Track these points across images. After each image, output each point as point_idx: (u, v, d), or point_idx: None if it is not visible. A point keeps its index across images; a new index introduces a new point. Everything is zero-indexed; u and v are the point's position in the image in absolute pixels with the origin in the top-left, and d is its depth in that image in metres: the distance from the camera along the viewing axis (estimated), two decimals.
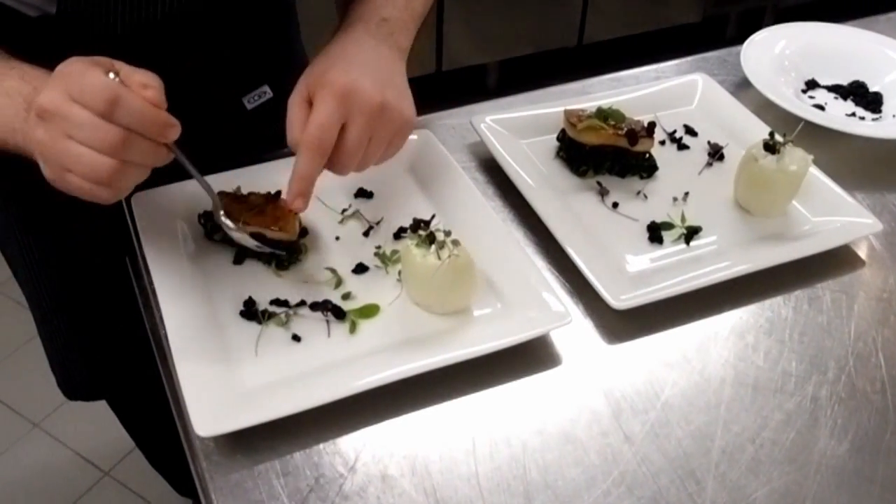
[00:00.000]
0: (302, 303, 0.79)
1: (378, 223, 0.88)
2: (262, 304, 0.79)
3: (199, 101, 0.92)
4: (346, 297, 0.80)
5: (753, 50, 1.14)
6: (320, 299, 0.79)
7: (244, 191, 0.86)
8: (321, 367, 0.74)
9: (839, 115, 1.09)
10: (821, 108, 1.10)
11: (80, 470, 1.75)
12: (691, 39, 2.84)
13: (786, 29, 1.20)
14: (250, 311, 0.78)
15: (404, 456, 0.70)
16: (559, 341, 0.80)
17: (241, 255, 0.83)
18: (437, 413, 0.73)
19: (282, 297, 0.80)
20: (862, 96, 1.12)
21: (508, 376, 0.76)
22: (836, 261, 0.89)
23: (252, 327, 0.77)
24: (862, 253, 0.90)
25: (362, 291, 0.81)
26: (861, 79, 1.15)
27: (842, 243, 0.89)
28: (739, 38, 1.20)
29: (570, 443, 0.72)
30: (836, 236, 0.88)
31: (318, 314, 0.79)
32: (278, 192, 0.85)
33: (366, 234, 0.87)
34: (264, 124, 0.97)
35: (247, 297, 0.79)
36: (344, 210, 0.89)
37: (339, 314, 0.78)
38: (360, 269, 0.83)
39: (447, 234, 0.78)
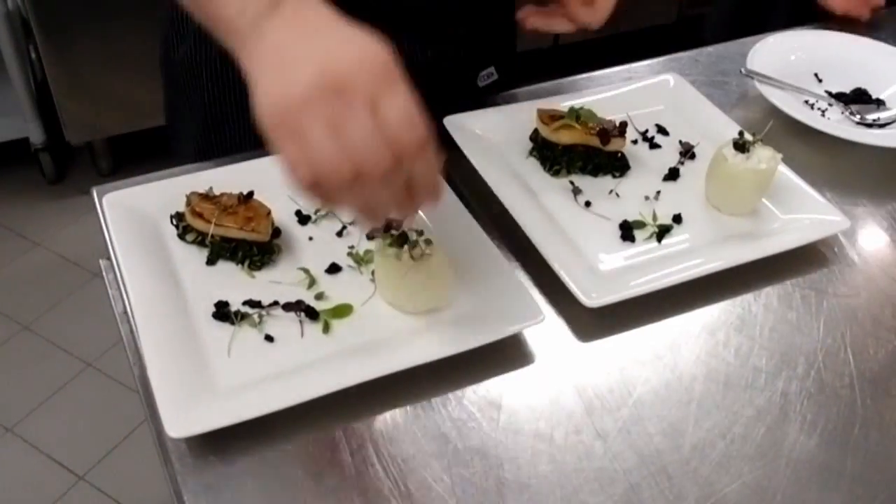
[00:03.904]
0: (275, 303, 0.79)
1: (351, 223, 0.88)
2: (235, 304, 0.79)
3: (441, 77, 1.01)
4: (319, 297, 0.80)
5: (761, 55, 1.14)
6: (293, 299, 0.79)
7: (217, 191, 0.85)
8: (294, 368, 0.74)
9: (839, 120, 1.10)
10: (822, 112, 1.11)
11: (55, 474, 1.73)
12: (665, 41, 2.86)
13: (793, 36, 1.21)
14: (222, 313, 0.78)
15: (378, 455, 0.70)
16: (532, 340, 0.80)
17: (214, 256, 0.83)
18: (410, 412, 0.73)
19: (255, 298, 0.79)
20: (865, 104, 1.13)
21: (481, 375, 0.77)
22: (805, 258, 0.90)
23: (225, 328, 0.77)
24: (831, 251, 0.91)
25: (335, 291, 0.81)
26: (864, 86, 1.15)
27: (811, 241, 0.90)
28: (713, 40, 1.21)
29: (543, 441, 0.72)
30: (805, 234, 0.89)
31: (292, 314, 0.78)
32: (251, 193, 0.85)
33: (339, 234, 0.87)
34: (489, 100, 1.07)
35: (218, 300, 0.79)
36: (317, 210, 0.89)
37: (312, 314, 0.78)
38: (334, 269, 0.83)
39: (419, 233, 0.78)
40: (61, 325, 2.01)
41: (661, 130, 1.04)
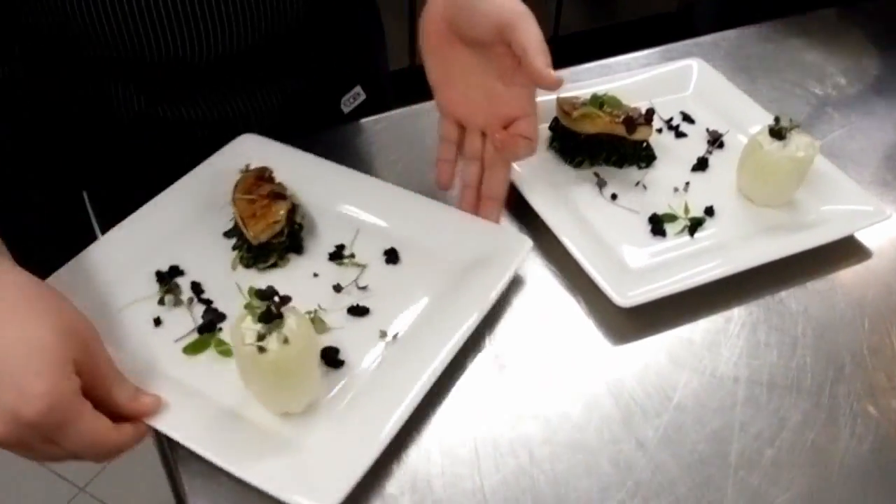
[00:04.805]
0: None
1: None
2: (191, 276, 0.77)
3: (296, 110, 0.95)
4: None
5: None
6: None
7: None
8: None
9: None
10: None
11: (56, 487, 1.68)
12: (666, 30, 2.81)
13: None
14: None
15: (403, 471, 0.65)
16: (563, 341, 0.75)
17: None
18: (437, 423, 0.68)
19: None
20: None
21: (512, 382, 0.72)
22: (845, 251, 0.85)
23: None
24: (872, 243, 0.86)
25: None
26: None
27: (851, 232, 0.85)
28: (713, 29, 1.16)
29: (580, 451, 0.67)
30: (845, 225, 0.84)
31: None
32: (281, 195, 0.80)
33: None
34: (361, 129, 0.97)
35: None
36: None
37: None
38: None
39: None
40: None
41: (687, 118, 0.99)
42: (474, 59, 0.78)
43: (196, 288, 0.76)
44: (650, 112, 0.91)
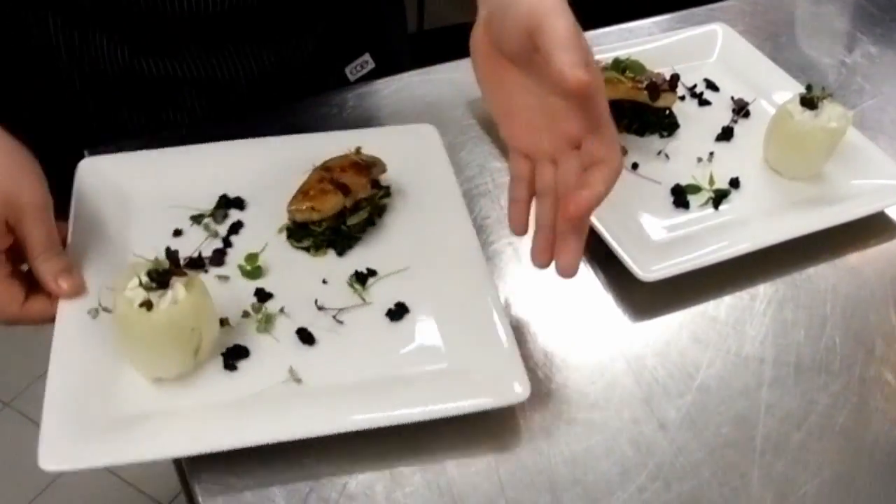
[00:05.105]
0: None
1: None
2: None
3: (300, 74, 0.90)
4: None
5: None
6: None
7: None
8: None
9: None
10: None
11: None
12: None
13: None
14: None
15: (414, 450, 0.62)
16: (582, 317, 0.72)
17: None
18: None
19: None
20: None
21: (528, 358, 0.68)
22: (876, 227, 0.81)
23: None
24: None
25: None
26: None
27: (882, 208, 0.81)
28: None
29: (598, 431, 0.64)
30: (876, 200, 0.81)
31: None
32: (345, 187, 0.74)
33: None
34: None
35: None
36: None
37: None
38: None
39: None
40: None
41: (711, 86, 0.95)
42: (525, 77, 0.63)
43: (234, 228, 0.75)
44: (675, 78, 0.87)
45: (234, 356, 0.65)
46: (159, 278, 0.60)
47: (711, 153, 0.87)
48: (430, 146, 0.82)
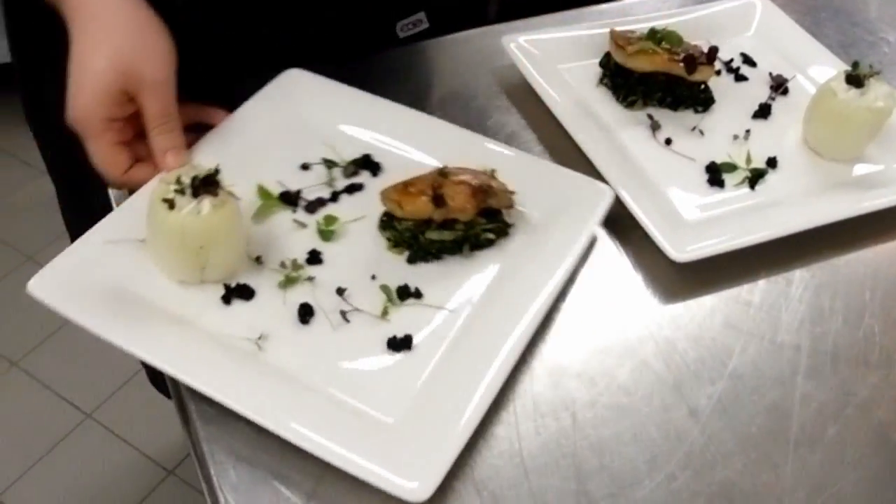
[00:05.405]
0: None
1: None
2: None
3: (349, 25, 0.88)
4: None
5: None
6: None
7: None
8: None
9: None
10: None
11: (61, 412, 1.65)
12: None
13: None
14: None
15: None
16: (610, 299, 0.69)
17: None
18: None
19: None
20: None
21: (553, 339, 0.66)
22: None
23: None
24: None
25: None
26: None
27: None
28: None
29: (626, 416, 0.62)
30: None
31: None
32: (441, 199, 0.68)
33: None
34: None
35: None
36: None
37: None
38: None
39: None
40: None
41: (748, 60, 0.91)
42: None
43: (351, 188, 0.74)
44: (713, 51, 0.84)
45: (236, 293, 0.65)
46: (192, 186, 0.62)
47: (748, 131, 0.83)
48: (590, 208, 0.71)
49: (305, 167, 0.75)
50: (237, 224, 0.65)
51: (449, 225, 0.68)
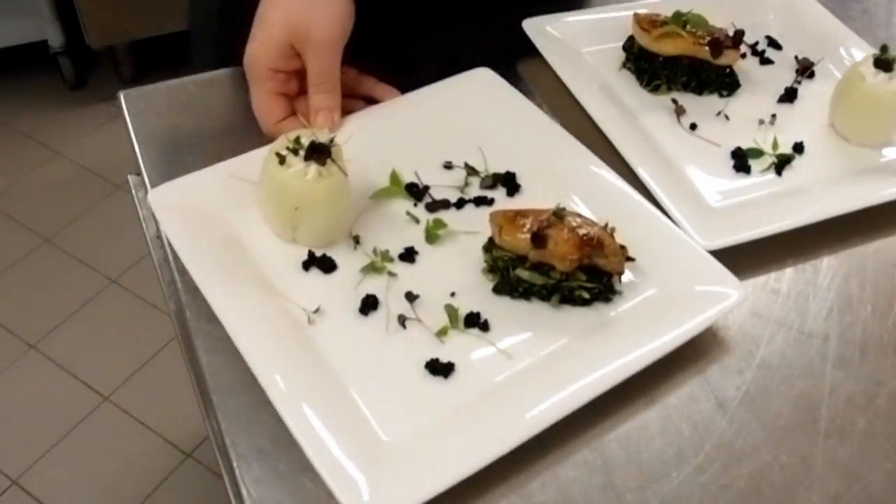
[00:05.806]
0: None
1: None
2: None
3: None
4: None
5: None
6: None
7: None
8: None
9: None
10: None
11: (79, 394, 1.66)
12: None
13: None
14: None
15: None
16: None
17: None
18: None
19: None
20: None
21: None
22: None
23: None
24: None
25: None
26: None
27: None
28: None
29: (652, 408, 0.61)
30: None
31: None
32: (541, 240, 0.64)
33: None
34: None
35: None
36: None
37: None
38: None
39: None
40: (84, 238, 1.91)
41: (773, 44, 0.90)
42: None
43: (480, 200, 0.72)
44: (739, 34, 0.82)
45: (317, 263, 0.66)
46: (306, 149, 0.64)
47: (774, 115, 0.82)
48: (710, 304, 0.64)
49: (448, 166, 0.74)
50: (338, 198, 0.66)
51: (544, 269, 0.64)
